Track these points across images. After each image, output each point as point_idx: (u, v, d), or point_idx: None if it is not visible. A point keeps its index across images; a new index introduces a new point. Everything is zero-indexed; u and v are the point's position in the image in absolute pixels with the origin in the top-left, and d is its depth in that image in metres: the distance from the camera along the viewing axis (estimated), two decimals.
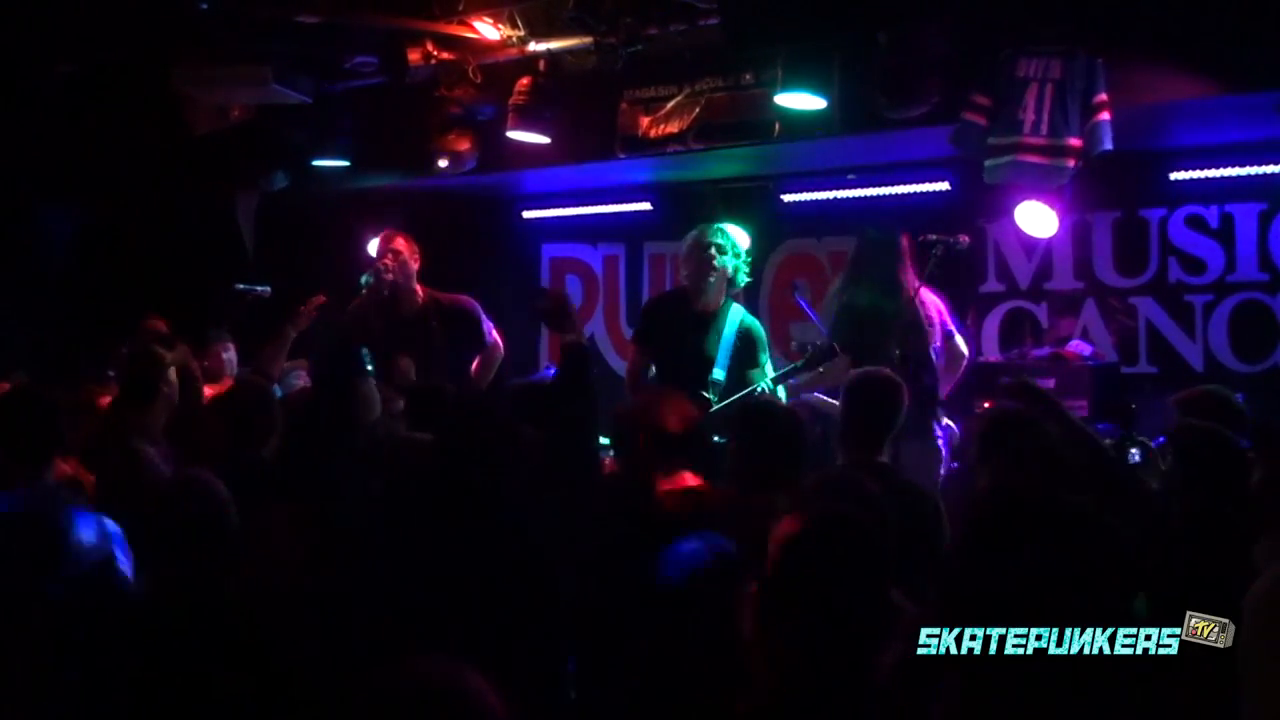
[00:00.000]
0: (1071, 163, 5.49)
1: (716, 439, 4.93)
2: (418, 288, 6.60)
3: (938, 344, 6.05)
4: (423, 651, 1.85)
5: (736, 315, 5.90)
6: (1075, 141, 5.46)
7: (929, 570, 3.42)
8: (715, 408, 5.52)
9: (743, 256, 6.04)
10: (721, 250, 5.90)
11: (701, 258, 5.90)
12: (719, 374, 5.76)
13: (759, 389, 5.52)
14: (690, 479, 3.86)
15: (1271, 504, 2.84)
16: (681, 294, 6.11)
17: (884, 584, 2.23)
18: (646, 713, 2.97)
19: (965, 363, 6.24)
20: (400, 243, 6.55)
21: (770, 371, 5.78)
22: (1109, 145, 5.42)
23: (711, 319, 5.88)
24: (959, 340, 6.20)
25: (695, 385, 5.61)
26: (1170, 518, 3.45)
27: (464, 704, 1.75)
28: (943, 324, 6.12)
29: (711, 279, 5.88)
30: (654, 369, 6.07)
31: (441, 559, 3.34)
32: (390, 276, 6.42)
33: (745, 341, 5.84)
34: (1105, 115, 5.41)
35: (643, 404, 4.20)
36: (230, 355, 7.01)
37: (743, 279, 6.07)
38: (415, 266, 6.58)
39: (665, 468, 3.86)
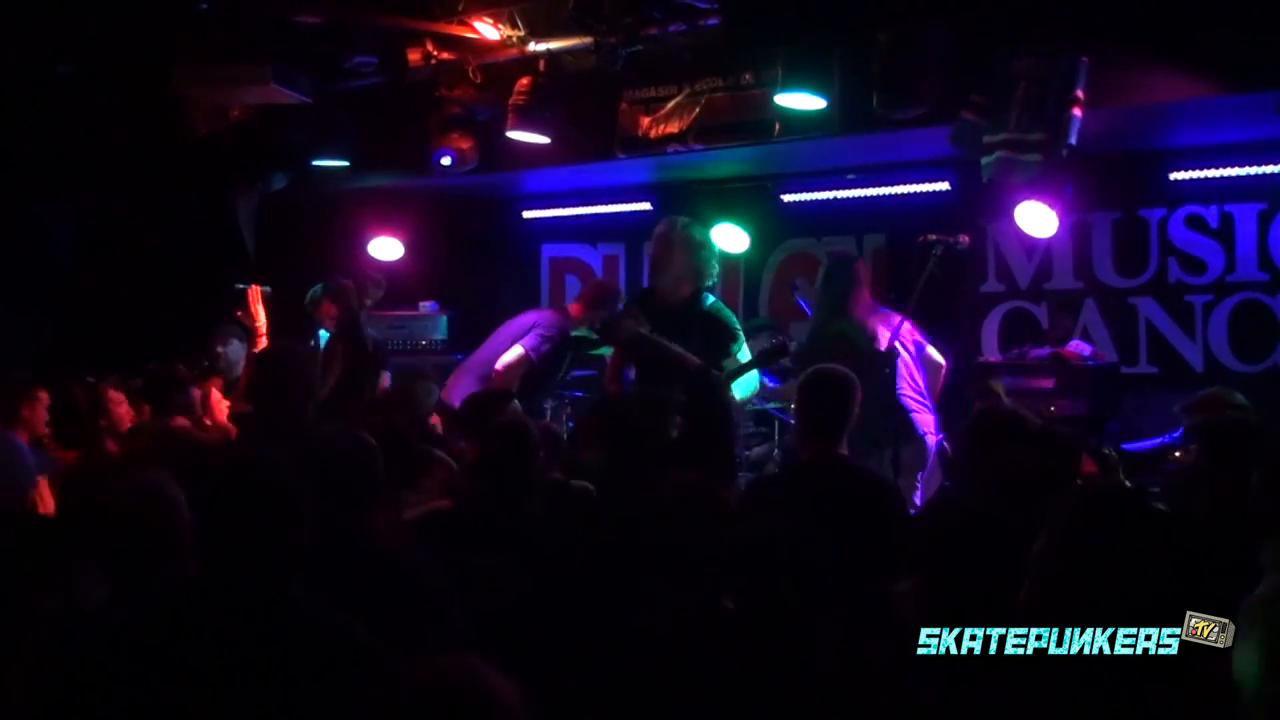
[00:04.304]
0: (1039, 156, 5.48)
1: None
2: None
3: (911, 361, 5.93)
4: None
5: (700, 305, 5.85)
6: (1044, 136, 5.45)
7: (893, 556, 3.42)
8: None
9: (714, 253, 5.97)
10: (687, 245, 5.84)
11: (666, 251, 5.86)
12: None
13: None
14: None
15: (1272, 507, 2.82)
16: (651, 290, 6.10)
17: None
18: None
19: (945, 370, 6.14)
20: None
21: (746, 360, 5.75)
22: (1073, 140, 5.39)
23: (676, 312, 5.84)
24: (931, 351, 6.08)
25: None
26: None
27: (484, 701, 1.73)
28: (915, 341, 6.00)
29: (670, 270, 5.85)
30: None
31: None
32: None
33: (707, 330, 5.78)
34: (1078, 111, 5.39)
35: None
36: (230, 349, 6.98)
37: (712, 278, 5.95)
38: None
39: None
